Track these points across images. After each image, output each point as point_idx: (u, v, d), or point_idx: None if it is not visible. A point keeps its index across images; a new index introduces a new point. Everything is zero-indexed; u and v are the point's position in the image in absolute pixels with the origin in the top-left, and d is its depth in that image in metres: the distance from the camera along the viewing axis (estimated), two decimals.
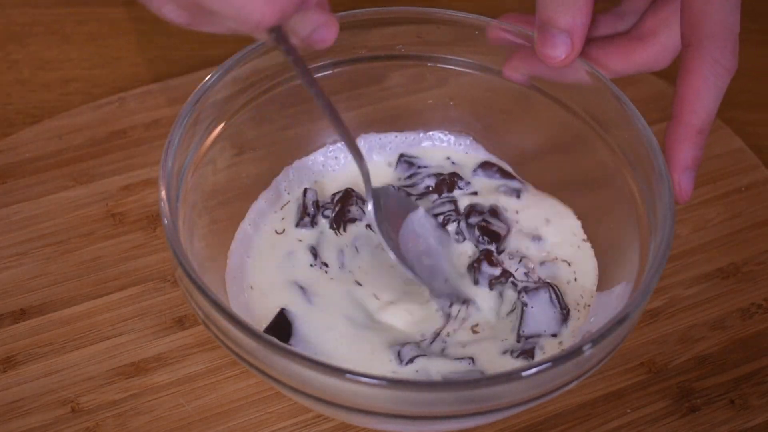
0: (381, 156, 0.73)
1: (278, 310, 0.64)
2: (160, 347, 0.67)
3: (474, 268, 0.66)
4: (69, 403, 0.64)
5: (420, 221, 0.67)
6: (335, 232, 0.69)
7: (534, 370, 0.53)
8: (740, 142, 0.79)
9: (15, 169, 0.76)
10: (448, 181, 0.71)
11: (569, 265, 0.68)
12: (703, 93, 0.58)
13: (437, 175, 0.71)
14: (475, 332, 0.64)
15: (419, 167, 0.73)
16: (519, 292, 0.65)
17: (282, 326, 0.63)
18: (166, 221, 0.58)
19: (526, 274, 0.67)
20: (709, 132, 0.61)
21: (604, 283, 0.66)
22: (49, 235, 0.72)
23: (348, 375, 0.52)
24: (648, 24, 0.63)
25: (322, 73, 0.70)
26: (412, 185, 0.72)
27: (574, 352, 0.54)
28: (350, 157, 0.72)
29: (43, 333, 0.67)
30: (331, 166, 0.73)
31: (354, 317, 0.65)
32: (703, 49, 0.58)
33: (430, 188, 0.71)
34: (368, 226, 0.69)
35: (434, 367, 0.62)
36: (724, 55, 0.58)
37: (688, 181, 0.60)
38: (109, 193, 0.75)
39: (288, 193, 0.71)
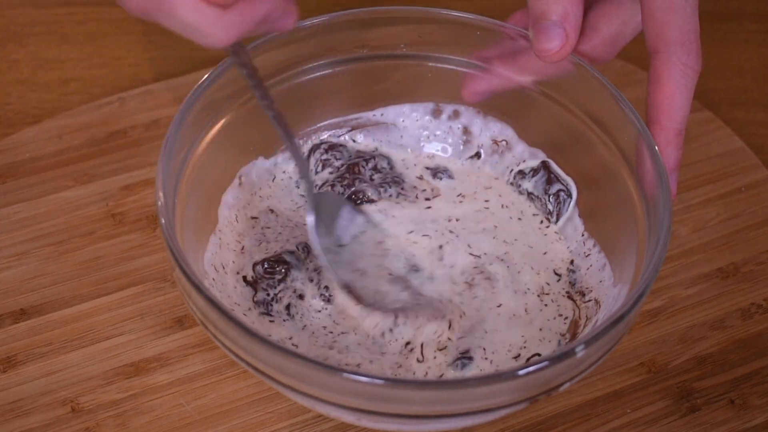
0: None
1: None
2: (160, 347, 0.67)
3: None
4: (69, 403, 0.64)
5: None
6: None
7: (527, 370, 0.53)
8: (740, 142, 0.79)
9: (15, 169, 0.76)
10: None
11: None
12: (677, 96, 0.61)
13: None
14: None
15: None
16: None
17: None
18: (163, 221, 0.58)
19: None
20: (685, 134, 0.63)
21: None
22: (49, 235, 0.72)
23: (345, 375, 0.52)
24: (590, 18, 0.64)
25: (322, 72, 0.70)
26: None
27: (567, 353, 0.54)
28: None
29: (43, 333, 0.67)
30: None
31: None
32: (672, 55, 0.61)
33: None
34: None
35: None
36: (690, 57, 0.61)
37: (674, 183, 0.62)
38: (109, 193, 0.75)
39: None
